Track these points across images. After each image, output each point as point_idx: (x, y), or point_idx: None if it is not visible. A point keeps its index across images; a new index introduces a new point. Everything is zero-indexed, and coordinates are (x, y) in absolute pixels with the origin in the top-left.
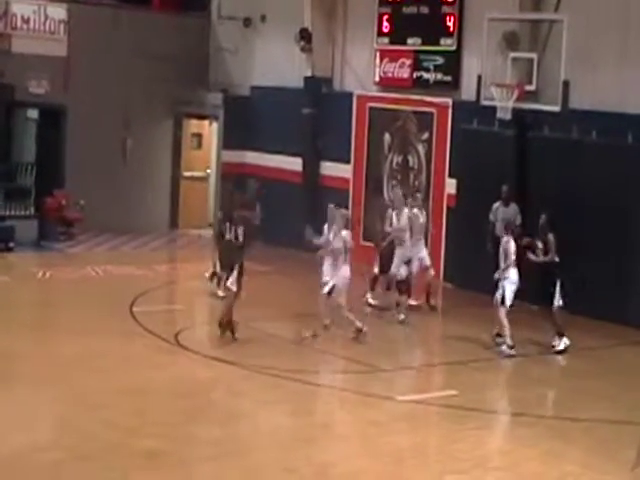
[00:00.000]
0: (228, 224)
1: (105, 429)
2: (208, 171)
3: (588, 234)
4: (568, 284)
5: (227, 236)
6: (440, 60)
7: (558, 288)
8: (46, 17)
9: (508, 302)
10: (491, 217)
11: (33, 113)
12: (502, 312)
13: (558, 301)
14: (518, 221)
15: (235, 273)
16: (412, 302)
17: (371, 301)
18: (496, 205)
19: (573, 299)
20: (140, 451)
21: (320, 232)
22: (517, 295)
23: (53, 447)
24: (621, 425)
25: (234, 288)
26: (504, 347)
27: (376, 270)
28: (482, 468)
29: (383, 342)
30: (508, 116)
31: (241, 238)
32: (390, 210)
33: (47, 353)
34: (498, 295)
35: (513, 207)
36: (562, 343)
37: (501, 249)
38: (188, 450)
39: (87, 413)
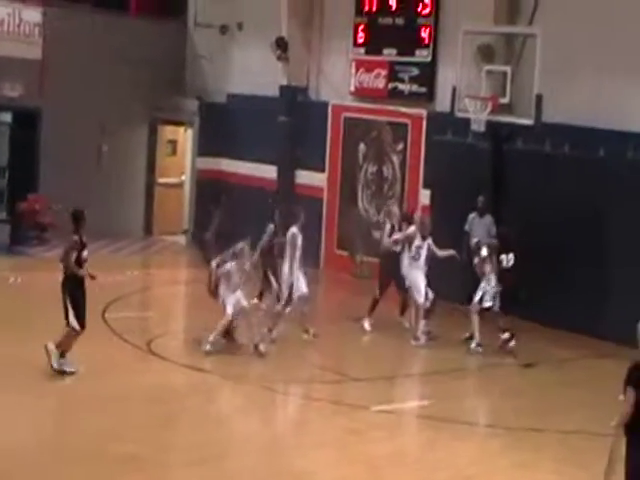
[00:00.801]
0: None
1: (83, 435)
2: (183, 178)
3: (560, 246)
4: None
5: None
6: (415, 71)
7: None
8: (21, 20)
9: (485, 303)
10: (466, 228)
11: (6, 116)
12: (475, 310)
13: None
14: (492, 232)
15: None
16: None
17: (367, 327)
18: (472, 216)
19: (545, 311)
20: (119, 456)
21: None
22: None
23: (35, 451)
24: (593, 436)
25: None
26: (473, 345)
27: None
28: (457, 478)
29: (357, 351)
30: (482, 128)
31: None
32: (388, 225)
33: (19, 360)
34: (476, 296)
35: (488, 218)
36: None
37: (477, 260)
38: (166, 456)
39: (64, 419)
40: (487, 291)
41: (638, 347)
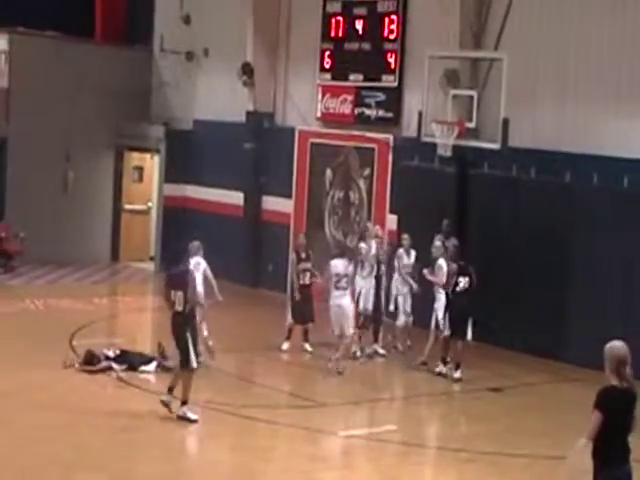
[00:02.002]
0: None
1: (47, 464)
2: (149, 204)
3: (525, 270)
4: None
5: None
6: (381, 96)
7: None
8: None
9: (444, 329)
10: (433, 251)
11: None
12: (433, 336)
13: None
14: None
15: None
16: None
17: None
18: (437, 237)
19: (512, 335)
20: None
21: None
22: None
23: None
24: (560, 461)
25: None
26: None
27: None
28: None
29: (328, 377)
30: (448, 153)
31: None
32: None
33: None
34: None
35: (453, 241)
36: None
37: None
38: None
39: (29, 448)
40: (439, 316)
41: (605, 370)
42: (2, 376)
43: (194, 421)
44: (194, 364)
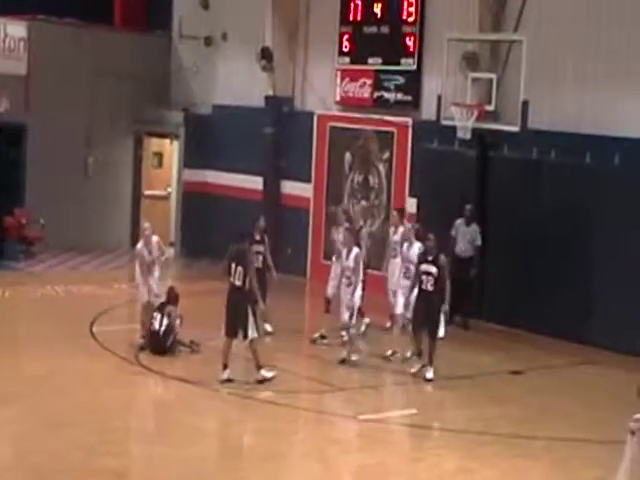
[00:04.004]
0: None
1: (68, 448)
2: (169, 190)
3: (547, 253)
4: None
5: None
6: (400, 80)
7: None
8: (6, 35)
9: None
10: (452, 232)
11: None
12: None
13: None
14: (478, 242)
15: None
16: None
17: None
18: (458, 221)
19: (533, 317)
20: (103, 470)
21: None
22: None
23: (17, 466)
24: (581, 443)
25: None
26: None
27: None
28: None
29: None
30: (468, 136)
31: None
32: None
33: (7, 372)
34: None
35: (474, 227)
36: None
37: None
38: (151, 470)
39: (49, 432)
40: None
41: None
42: (24, 361)
43: (272, 378)
44: (255, 334)
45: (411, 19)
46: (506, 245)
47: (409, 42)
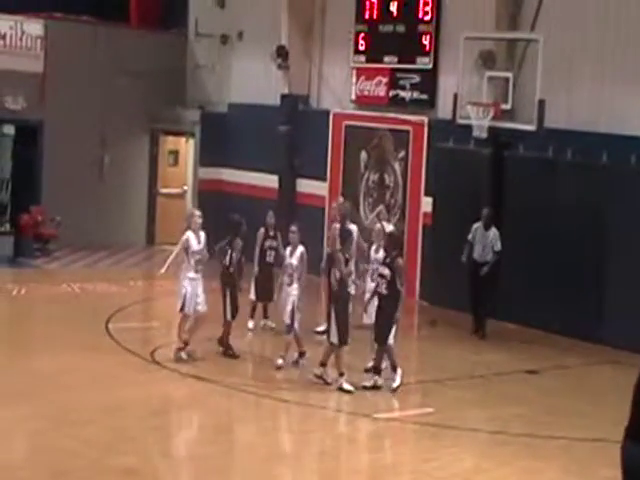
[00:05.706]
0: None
1: (83, 446)
2: (185, 188)
3: (563, 252)
4: None
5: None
6: (416, 78)
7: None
8: (22, 33)
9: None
10: (470, 237)
11: (9, 129)
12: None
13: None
14: (497, 247)
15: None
16: None
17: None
18: (476, 226)
19: (548, 318)
20: (118, 468)
21: None
22: None
23: (30, 465)
24: (597, 443)
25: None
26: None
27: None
28: None
29: (359, 360)
30: (484, 135)
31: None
32: None
33: (23, 370)
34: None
35: (493, 231)
36: (397, 378)
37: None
38: (165, 468)
39: (64, 430)
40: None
41: None
42: (39, 358)
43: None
44: (349, 340)
45: (427, 17)
46: (521, 244)
47: (425, 41)
